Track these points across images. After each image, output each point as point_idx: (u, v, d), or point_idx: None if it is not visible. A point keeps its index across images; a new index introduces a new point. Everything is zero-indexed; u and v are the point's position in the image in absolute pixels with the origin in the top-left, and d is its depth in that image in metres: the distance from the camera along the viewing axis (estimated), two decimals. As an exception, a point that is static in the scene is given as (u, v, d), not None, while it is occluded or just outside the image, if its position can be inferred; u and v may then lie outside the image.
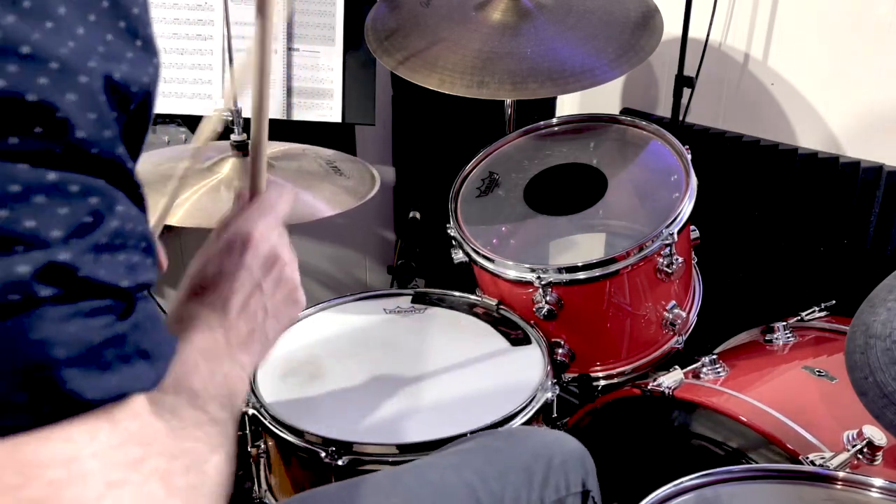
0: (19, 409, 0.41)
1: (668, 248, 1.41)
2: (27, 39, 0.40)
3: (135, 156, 0.48)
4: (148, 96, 0.47)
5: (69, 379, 0.42)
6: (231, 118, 1.40)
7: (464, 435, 1.11)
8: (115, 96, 0.44)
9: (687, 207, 1.44)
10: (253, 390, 1.24)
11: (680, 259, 1.42)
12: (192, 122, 1.74)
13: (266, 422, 1.20)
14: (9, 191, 0.40)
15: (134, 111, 0.46)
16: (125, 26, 0.46)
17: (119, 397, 0.44)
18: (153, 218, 0.81)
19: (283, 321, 0.74)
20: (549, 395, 1.25)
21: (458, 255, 1.54)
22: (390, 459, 1.11)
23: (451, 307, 1.49)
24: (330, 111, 1.69)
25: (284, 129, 1.70)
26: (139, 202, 0.48)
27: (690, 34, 1.80)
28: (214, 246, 0.72)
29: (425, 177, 2.26)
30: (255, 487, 1.31)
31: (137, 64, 0.46)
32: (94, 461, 0.43)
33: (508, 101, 1.76)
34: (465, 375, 1.30)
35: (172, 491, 0.48)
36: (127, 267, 0.45)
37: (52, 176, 0.41)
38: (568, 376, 1.52)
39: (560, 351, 1.46)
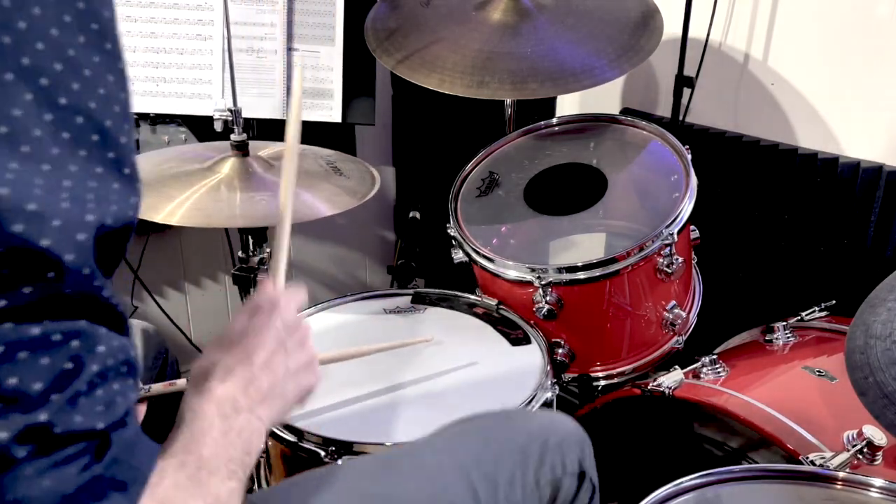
0: None
1: (668, 248, 1.41)
2: (31, 196, 0.41)
3: (110, 273, 0.48)
4: (130, 225, 0.48)
5: None
6: (231, 118, 1.40)
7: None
8: (103, 239, 0.45)
9: (687, 207, 1.44)
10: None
11: (680, 259, 1.42)
12: (191, 122, 1.74)
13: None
14: None
15: (115, 242, 0.47)
16: (113, 157, 0.47)
17: None
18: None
19: (301, 385, 0.76)
20: (549, 395, 1.25)
21: (458, 255, 1.54)
22: (390, 459, 1.11)
23: (451, 307, 1.49)
24: (330, 111, 1.69)
25: (285, 129, 1.70)
26: (121, 328, 0.48)
27: (690, 34, 1.80)
28: (243, 309, 0.76)
29: (425, 177, 2.26)
30: (255, 487, 1.31)
31: (123, 196, 0.47)
32: None
33: (508, 101, 1.76)
34: (464, 375, 1.30)
35: None
36: (105, 404, 0.46)
37: (35, 330, 0.42)
38: (568, 376, 1.52)
39: (560, 351, 1.46)
